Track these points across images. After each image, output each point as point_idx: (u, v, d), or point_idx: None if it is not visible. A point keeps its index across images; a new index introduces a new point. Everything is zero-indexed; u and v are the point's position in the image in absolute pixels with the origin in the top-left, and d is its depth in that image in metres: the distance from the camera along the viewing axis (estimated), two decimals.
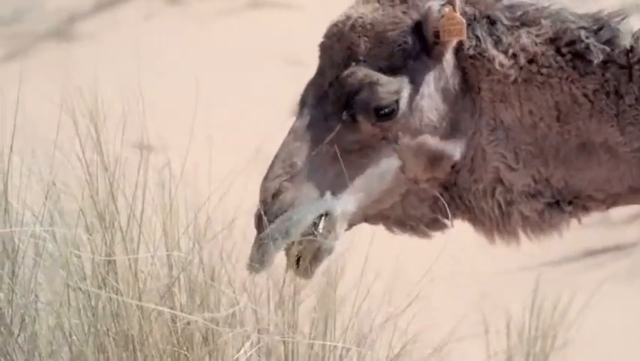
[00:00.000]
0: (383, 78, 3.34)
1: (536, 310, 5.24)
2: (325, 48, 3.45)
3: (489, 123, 3.44)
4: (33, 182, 3.45)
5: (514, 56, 3.42)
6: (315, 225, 3.27)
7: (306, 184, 3.31)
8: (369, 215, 3.46)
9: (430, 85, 3.40)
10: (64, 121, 3.47)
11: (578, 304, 5.31)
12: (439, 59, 3.41)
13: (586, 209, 3.52)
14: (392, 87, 3.34)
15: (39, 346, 3.40)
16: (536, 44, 3.43)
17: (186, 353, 3.17)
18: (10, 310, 3.41)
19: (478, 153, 3.44)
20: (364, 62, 3.36)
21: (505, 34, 3.42)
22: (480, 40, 3.40)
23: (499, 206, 3.44)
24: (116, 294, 3.16)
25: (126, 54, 11.95)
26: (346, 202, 3.35)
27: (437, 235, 3.51)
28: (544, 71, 3.42)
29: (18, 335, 3.38)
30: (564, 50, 3.42)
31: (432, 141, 3.40)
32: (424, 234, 3.51)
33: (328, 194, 3.31)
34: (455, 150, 3.42)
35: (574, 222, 3.51)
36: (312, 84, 3.44)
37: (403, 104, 3.36)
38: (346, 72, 3.37)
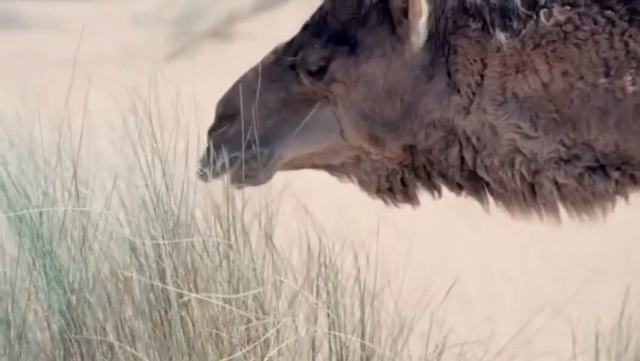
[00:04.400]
0: (318, 42, 3.29)
1: (626, 321, 5.16)
2: None
3: (495, 99, 3.27)
4: (102, 171, 3.68)
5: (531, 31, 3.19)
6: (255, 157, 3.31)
7: (249, 122, 3.30)
8: (318, 165, 3.43)
9: (380, 64, 3.30)
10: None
11: None
12: (402, 37, 3.28)
13: (634, 180, 3.26)
14: (321, 53, 3.29)
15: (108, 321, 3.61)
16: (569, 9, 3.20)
17: (230, 337, 3.33)
18: (81, 283, 3.63)
19: (486, 130, 3.27)
20: (326, 17, 3.32)
21: (518, 19, 3.22)
22: (486, 24, 3.23)
23: (522, 176, 3.27)
24: (164, 280, 3.35)
25: None
26: (284, 148, 3.34)
27: (404, 206, 3.40)
28: (586, 28, 3.21)
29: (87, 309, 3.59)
30: (617, 8, 3.20)
31: (371, 122, 3.31)
32: (384, 200, 3.42)
33: (267, 138, 3.31)
34: (403, 134, 3.31)
35: (620, 200, 3.26)
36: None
37: (334, 71, 3.29)
38: (304, 26, 3.37)
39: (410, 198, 3.40)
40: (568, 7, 3.23)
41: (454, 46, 3.27)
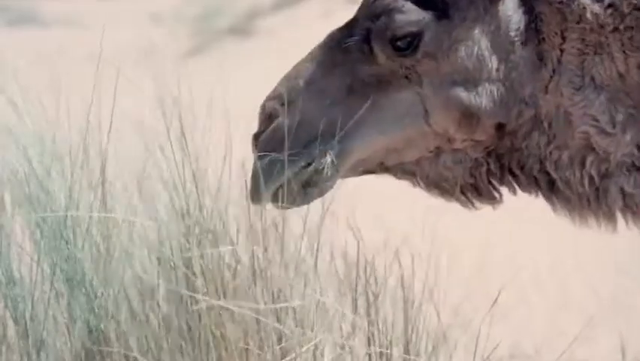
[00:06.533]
0: (408, 5, 2.86)
1: None
2: None
3: (573, 81, 2.92)
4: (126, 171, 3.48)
5: (612, 5, 2.87)
6: (312, 163, 2.84)
7: (307, 115, 2.86)
8: (389, 166, 2.98)
9: (474, 27, 2.89)
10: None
11: None
12: None
13: None
14: (413, 17, 2.86)
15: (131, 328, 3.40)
16: None
17: (259, 351, 3.11)
18: (104, 291, 3.42)
19: (559, 117, 2.93)
20: None
21: None
22: None
23: (591, 179, 2.94)
24: (192, 291, 3.12)
25: (303, 51, 12.09)
26: (358, 141, 2.89)
27: (484, 207, 3.03)
28: None
29: (112, 317, 3.38)
30: None
31: (466, 95, 2.88)
32: (463, 202, 3.02)
33: (331, 133, 2.83)
34: (499, 109, 2.92)
35: None
36: None
37: (428, 41, 2.88)
38: None
39: (493, 194, 3.03)
40: None
41: (539, 13, 2.94)
